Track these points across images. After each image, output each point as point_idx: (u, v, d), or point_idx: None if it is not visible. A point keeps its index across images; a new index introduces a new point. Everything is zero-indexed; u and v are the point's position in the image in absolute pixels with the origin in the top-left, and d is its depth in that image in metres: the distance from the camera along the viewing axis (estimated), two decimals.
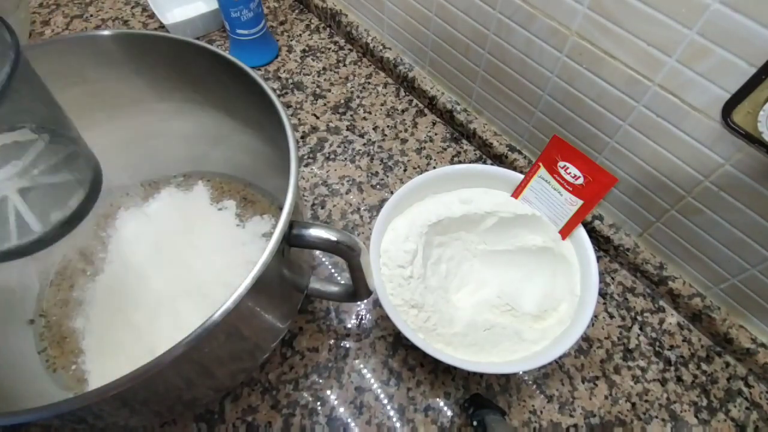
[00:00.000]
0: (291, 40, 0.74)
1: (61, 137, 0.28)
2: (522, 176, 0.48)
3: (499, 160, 0.60)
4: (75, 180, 0.31)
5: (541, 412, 0.45)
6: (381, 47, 0.68)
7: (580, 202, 0.44)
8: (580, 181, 0.43)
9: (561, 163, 0.44)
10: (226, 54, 0.39)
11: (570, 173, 0.44)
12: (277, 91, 0.68)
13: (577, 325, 0.41)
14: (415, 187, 0.48)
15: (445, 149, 0.63)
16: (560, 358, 0.48)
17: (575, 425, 0.45)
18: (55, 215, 0.30)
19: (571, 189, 0.44)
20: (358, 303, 0.50)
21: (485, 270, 0.49)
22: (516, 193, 0.48)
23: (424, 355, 0.47)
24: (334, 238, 0.33)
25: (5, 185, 0.27)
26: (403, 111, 0.66)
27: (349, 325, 0.49)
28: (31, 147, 0.25)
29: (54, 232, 0.30)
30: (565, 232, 0.46)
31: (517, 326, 0.45)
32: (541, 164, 0.46)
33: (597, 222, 0.54)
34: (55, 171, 0.29)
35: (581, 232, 0.45)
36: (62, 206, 0.30)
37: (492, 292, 0.47)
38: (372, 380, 0.46)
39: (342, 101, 0.67)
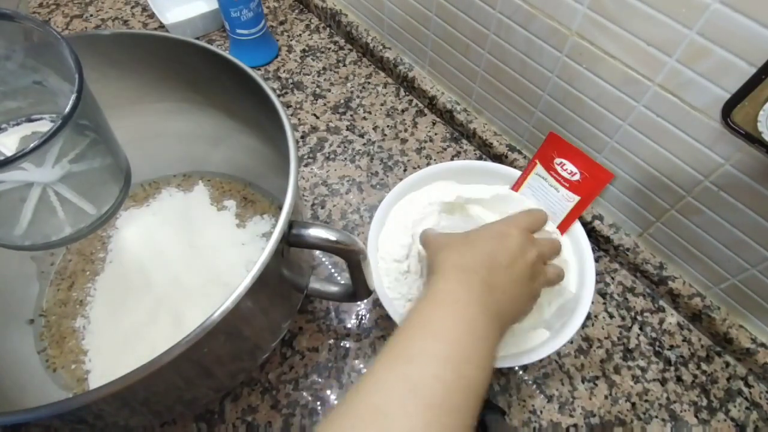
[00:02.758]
0: (291, 40, 0.74)
1: (81, 126, 0.29)
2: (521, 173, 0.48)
3: (499, 160, 0.60)
4: (110, 163, 0.32)
5: (541, 411, 0.45)
6: (381, 47, 0.68)
7: (577, 198, 0.44)
8: (577, 177, 0.43)
9: (557, 160, 0.44)
10: (226, 54, 0.39)
11: (566, 170, 0.44)
12: (277, 91, 0.68)
13: (572, 321, 0.41)
14: (414, 183, 0.48)
15: (445, 149, 0.63)
16: (560, 357, 0.48)
17: (575, 425, 0.45)
18: (104, 196, 0.31)
19: (567, 185, 0.44)
20: (358, 303, 0.50)
21: None
22: (514, 190, 0.49)
23: None
24: (333, 238, 0.33)
25: (41, 176, 0.27)
26: (403, 111, 0.66)
27: (349, 325, 0.49)
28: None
29: (107, 213, 0.31)
30: (563, 227, 0.46)
31: None
32: (537, 161, 0.46)
33: (597, 222, 0.54)
34: (84, 158, 0.29)
35: (578, 229, 0.46)
36: (108, 187, 0.32)
37: None
38: None
39: (342, 101, 0.67)
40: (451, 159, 0.62)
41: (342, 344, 0.48)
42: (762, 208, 0.39)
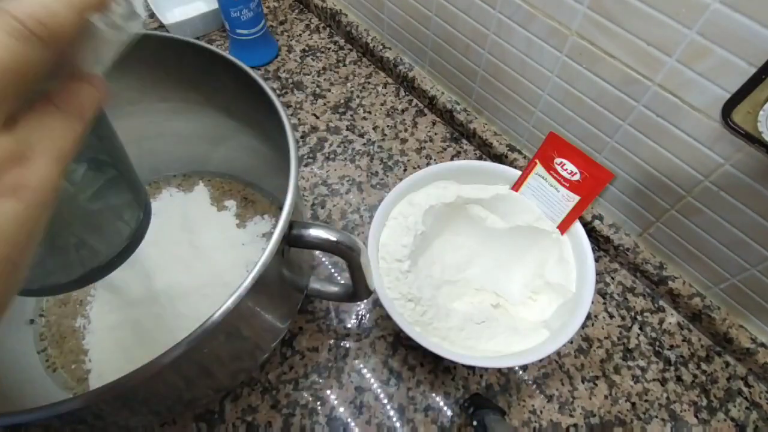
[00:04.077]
0: (291, 40, 0.74)
1: (101, 163, 0.27)
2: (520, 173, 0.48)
3: (499, 159, 0.60)
4: (128, 201, 0.30)
5: (541, 411, 0.45)
6: (381, 47, 0.68)
7: (577, 198, 0.44)
8: (577, 177, 0.43)
9: (557, 160, 0.44)
10: (226, 54, 0.39)
11: (566, 169, 0.44)
12: (277, 91, 0.68)
13: (572, 321, 0.41)
14: (414, 183, 0.48)
15: (445, 149, 0.63)
16: (560, 357, 0.48)
17: (575, 425, 0.45)
18: (117, 237, 0.29)
19: (567, 185, 0.44)
20: (358, 303, 0.50)
21: (479, 258, 0.50)
22: (514, 190, 0.49)
23: (424, 354, 0.47)
24: (333, 238, 0.33)
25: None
26: (403, 111, 0.66)
27: (349, 325, 0.49)
28: (73, 174, 0.25)
29: (119, 256, 0.29)
30: (563, 227, 0.46)
31: (511, 320, 0.46)
32: (537, 161, 0.46)
33: (597, 222, 0.54)
34: (101, 196, 0.28)
35: (578, 228, 0.46)
36: (123, 227, 0.30)
37: (483, 272, 0.49)
38: (372, 380, 0.46)
39: (342, 101, 0.67)
40: (451, 159, 0.62)
41: (342, 344, 0.48)
42: (762, 208, 0.39)
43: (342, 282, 0.49)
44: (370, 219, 0.56)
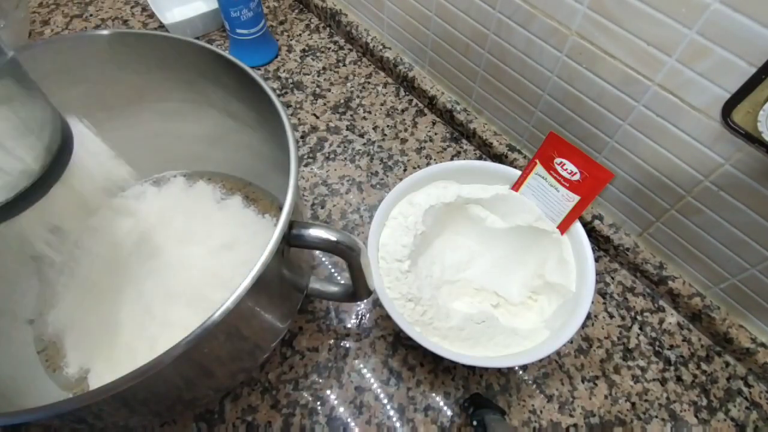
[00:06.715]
0: (291, 40, 0.74)
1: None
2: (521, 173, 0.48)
3: (499, 159, 0.60)
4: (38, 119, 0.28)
5: (541, 411, 0.45)
6: (381, 47, 0.68)
7: (577, 198, 0.44)
8: (577, 177, 0.43)
9: (557, 160, 0.44)
10: (226, 54, 0.39)
11: (566, 169, 0.44)
12: (277, 91, 0.68)
13: (572, 321, 0.41)
14: (414, 183, 0.48)
15: (445, 149, 0.63)
16: (560, 357, 0.48)
17: (575, 425, 0.45)
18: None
19: (567, 185, 0.44)
20: (358, 303, 0.50)
21: (479, 258, 0.51)
22: (514, 190, 0.49)
23: (424, 354, 0.47)
24: (333, 238, 0.33)
25: None
26: (403, 111, 0.66)
27: (349, 325, 0.49)
28: None
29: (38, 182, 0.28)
30: (563, 227, 0.46)
31: (511, 319, 0.46)
32: (537, 161, 0.46)
33: (597, 222, 0.54)
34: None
35: (578, 229, 0.46)
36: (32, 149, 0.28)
37: (483, 272, 0.49)
38: (372, 380, 0.46)
39: (342, 101, 0.67)
40: (451, 159, 0.62)
41: (342, 344, 0.48)
42: (762, 208, 0.39)
43: (342, 282, 0.49)
44: (370, 219, 0.56)
